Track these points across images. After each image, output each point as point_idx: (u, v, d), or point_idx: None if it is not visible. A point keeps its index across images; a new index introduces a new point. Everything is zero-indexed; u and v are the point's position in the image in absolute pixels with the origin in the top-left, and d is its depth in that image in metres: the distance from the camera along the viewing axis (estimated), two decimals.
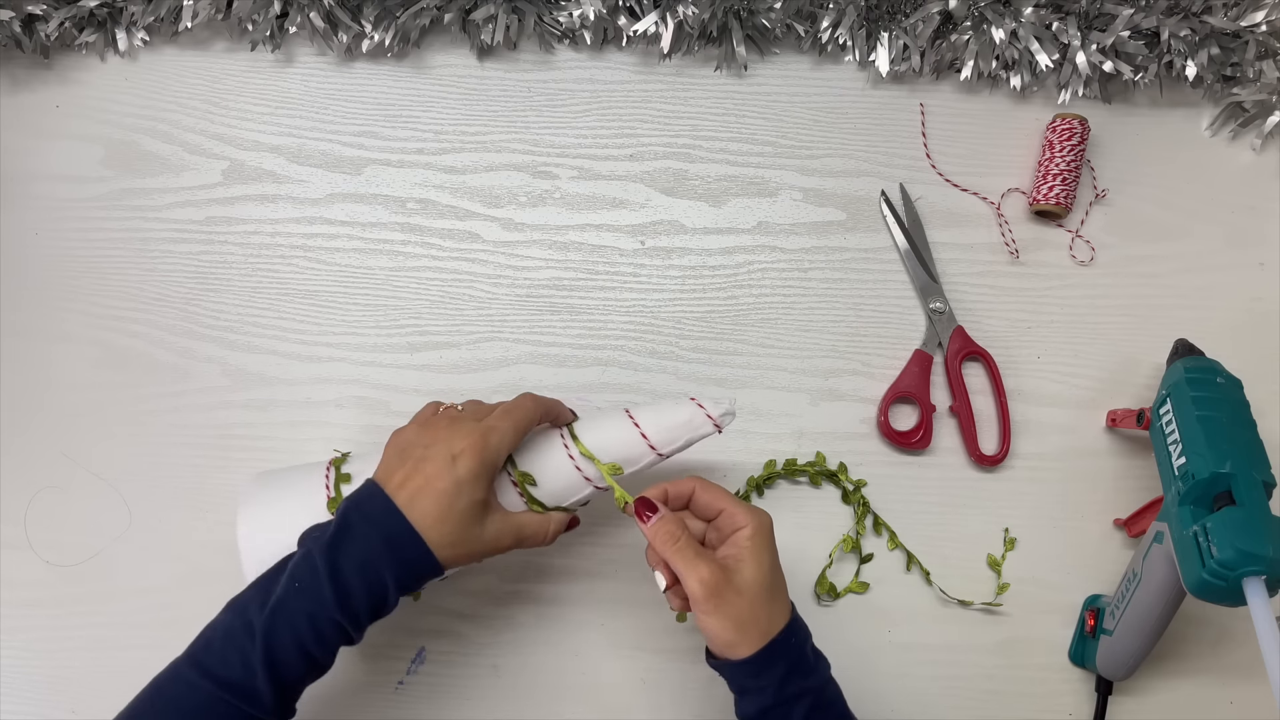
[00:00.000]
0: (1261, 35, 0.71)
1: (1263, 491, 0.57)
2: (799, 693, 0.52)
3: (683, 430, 0.59)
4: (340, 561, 0.49)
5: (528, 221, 0.74)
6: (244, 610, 0.49)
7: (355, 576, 0.49)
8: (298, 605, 0.48)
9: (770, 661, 0.52)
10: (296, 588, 0.49)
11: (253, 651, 0.48)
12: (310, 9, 0.71)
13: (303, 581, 0.49)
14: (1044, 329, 0.73)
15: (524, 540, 0.55)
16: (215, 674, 0.48)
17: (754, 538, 0.52)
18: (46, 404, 0.71)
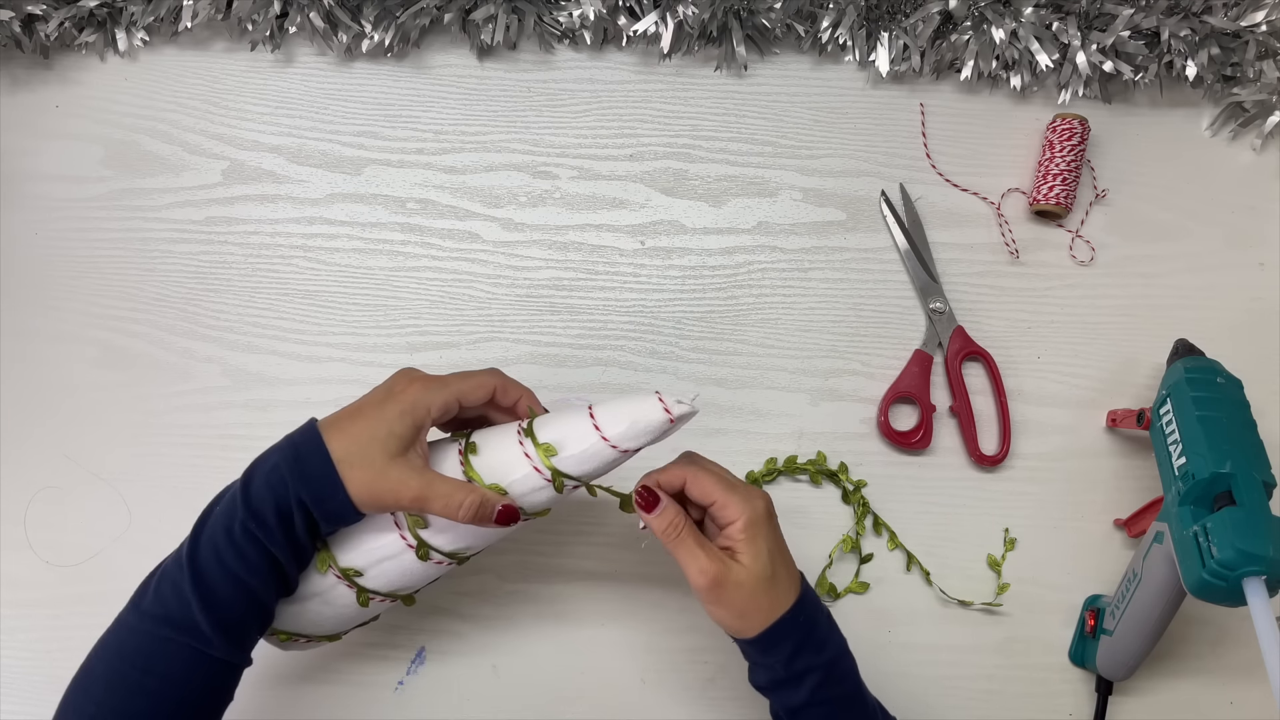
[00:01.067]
0: (1261, 35, 0.71)
1: (1263, 491, 0.57)
2: (807, 668, 0.52)
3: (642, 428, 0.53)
4: (253, 475, 0.50)
5: (528, 221, 0.74)
6: (178, 549, 0.50)
7: (263, 485, 0.49)
8: (216, 523, 0.49)
9: (776, 641, 0.52)
10: (216, 510, 0.50)
11: (183, 581, 0.47)
12: (310, 9, 0.71)
13: (222, 503, 0.50)
14: (1044, 329, 0.73)
15: (429, 497, 0.50)
16: (154, 613, 0.48)
17: (746, 530, 0.52)
18: (46, 404, 0.71)
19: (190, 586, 0.47)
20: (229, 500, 0.50)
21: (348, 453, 0.49)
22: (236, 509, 0.49)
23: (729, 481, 0.54)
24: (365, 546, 0.53)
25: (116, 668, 0.48)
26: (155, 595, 0.48)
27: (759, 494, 0.54)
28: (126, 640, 0.48)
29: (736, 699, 0.67)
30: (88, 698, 0.48)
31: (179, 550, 0.50)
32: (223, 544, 0.48)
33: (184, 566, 0.48)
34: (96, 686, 0.48)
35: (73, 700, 0.48)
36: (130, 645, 0.48)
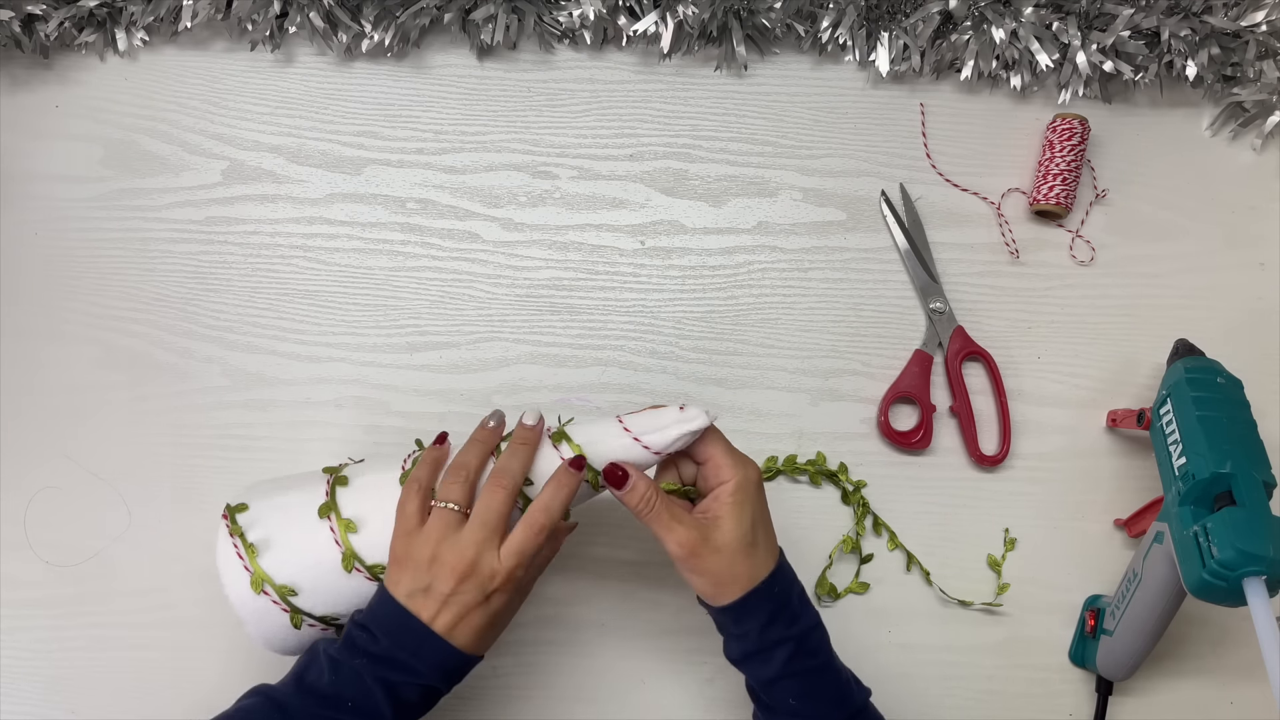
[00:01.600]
0: (1261, 35, 0.71)
1: (1263, 491, 0.57)
2: (780, 639, 0.53)
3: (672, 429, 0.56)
4: (397, 685, 0.51)
5: (528, 221, 0.74)
6: (285, 707, 0.50)
7: (413, 694, 0.52)
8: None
9: (750, 610, 0.53)
10: (350, 707, 0.50)
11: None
12: (310, 9, 0.71)
13: (356, 702, 0.50)
14: (1044, 329, 0.73)
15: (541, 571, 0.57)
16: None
17: (736, 493, 0.53)
18: (46, 404, 0.71)
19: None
20: (363, 700, 0.50)
21: (483, 648, 0.54)
22: (383, 714, 0.51)
23: (725, 443, 0.55)
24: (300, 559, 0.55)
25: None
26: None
27: (752, 462, 0.55)
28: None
29: (736, 700, 0.67)
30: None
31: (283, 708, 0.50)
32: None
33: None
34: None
35: None
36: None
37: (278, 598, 0.54)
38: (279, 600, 0.54)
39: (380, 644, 0.51)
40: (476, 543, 0.52)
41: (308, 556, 0.55)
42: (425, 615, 0.51)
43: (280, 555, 0.55)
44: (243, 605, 0.54)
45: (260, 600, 0.54)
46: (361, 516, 0.55)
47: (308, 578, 0.55)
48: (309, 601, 0.55)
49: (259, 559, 0.54)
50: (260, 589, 0.54)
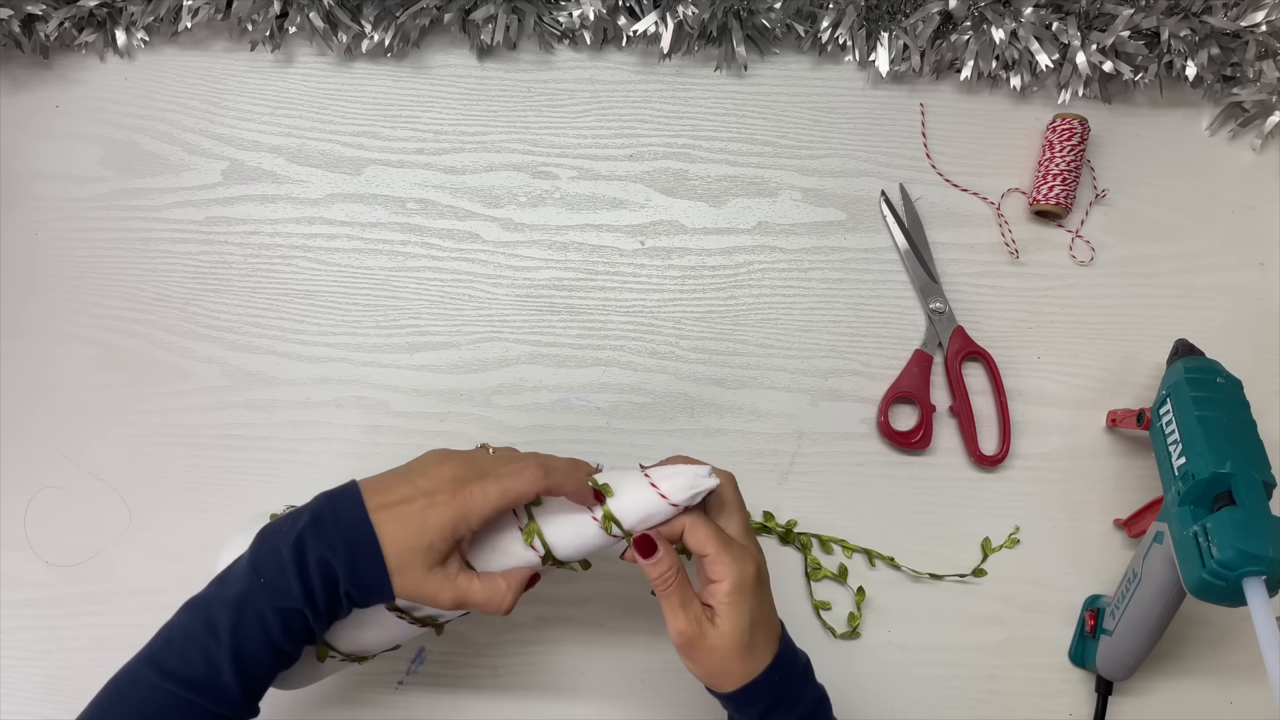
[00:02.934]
0: (1261, 35, 0.71)
1: (1263, 491, 0.57)
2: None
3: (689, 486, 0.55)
4: (305, 554, 0.49)
5: (528, 221, 0.74)
6: (205, 608, 0.49)
7: (316, 570, 0.49)
8: (265, 600, 0.48)
9: (749, 701, 0.52)
10: (263, 583, 0.49)
11: (217, 649, 0.47)
12: (310, 9, 0.71)
13: (268, 576, 0.49)
14: (1044, 329, 0.73)
15: (466, 604, 0.52)
16: (178, 674, 0.47)
17: (731, 594, 0.51)
18: (46, 404, 0.71)
19: (228, 656, 0.48)
20: (275, 575, 0.49)
21: (393, 560, 0.50)
22: (290, 589, 0.48)
23: (725, 537, 0.53)
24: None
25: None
26: (181, 656, 0.48)
27: (750, 556, 0.53)
28: (146, 697, 0.48)
29: None
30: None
31: (205, 613, 0.49)
32: (272, 620, 0.48)
33: (221, 635, 0.48)
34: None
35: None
36: (150, 703, 0.48)
37: None
38: None
39: (312, 508, 0.50)
40: (476, 463, 0.52)
41: None
42: (370, 489, 0.50)
43: None
44: None
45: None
46: None
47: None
48: (337, 635, 0.54)
49: None
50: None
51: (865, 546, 0.70)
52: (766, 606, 0.53)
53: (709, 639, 0.51)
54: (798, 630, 0.58)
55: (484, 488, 0.50)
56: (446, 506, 0.50)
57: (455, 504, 0.50)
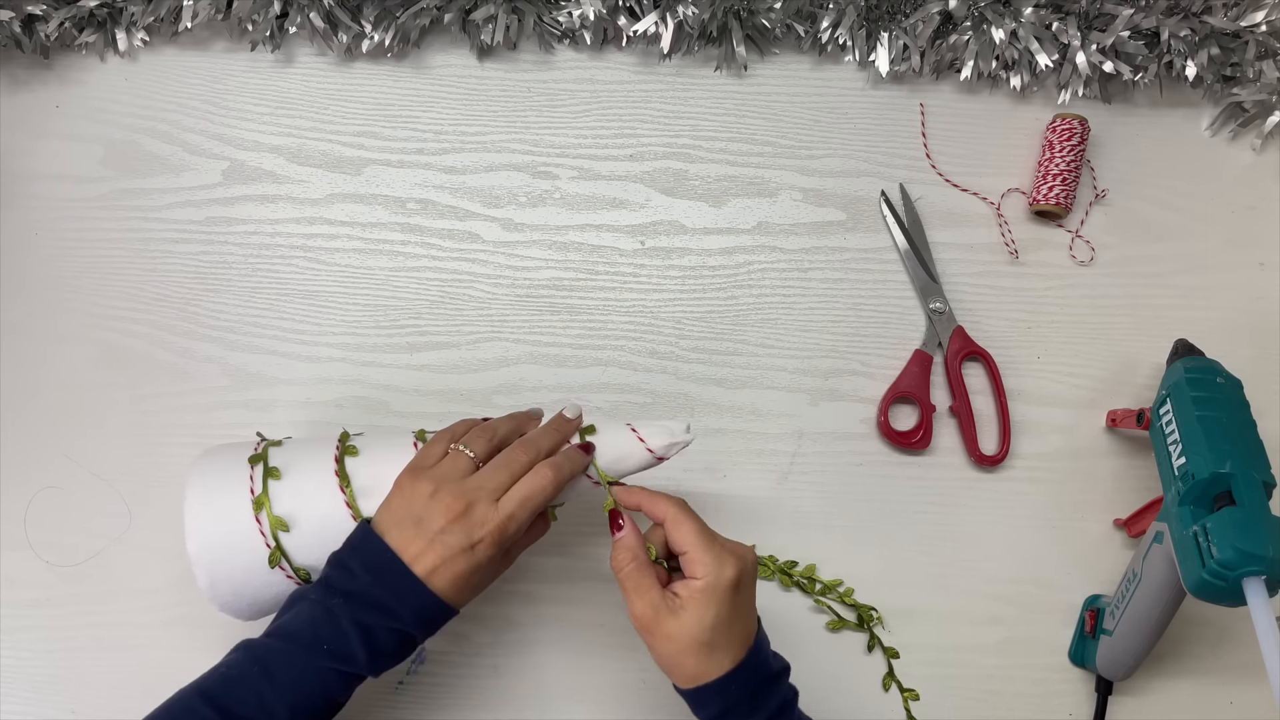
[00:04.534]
0: (1261, 35, 0.71)
1: (1263, 491, 0.57)
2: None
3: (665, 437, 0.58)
4: (374, 629, 0.50)
5: (528, 221, 0.74)
6: (262, 657, 0.50)
7: (389, 640, 0.51)
8: (329, 664, 0.49)
9: (700, 701, 0.52)
10: (326, 650, 0.49)
11: (273, 697, 0.48)
12: (310, 9, 0.71)
13: (332, 645, 0.49)
14: (1044, 329, 0.73)
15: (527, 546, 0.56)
16: (232, 712, 0.48)
17: (702, 592, 0.50)
18: (46, 404, 0.71)
19: (285, 707, 0.48)
20: (339, 643, 0.49)
21: (459, 599, 0.52)
22: (359, 661, 0.50)
23: (708, 538, 0.52)
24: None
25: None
26: (237, 697, 0.49)
27: (732, 560, 0.51)
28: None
29: None
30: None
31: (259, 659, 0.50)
32: (334, 684, 0.50)
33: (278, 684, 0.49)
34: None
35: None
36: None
37: (267, 527, 0.54)
38: (267, 532, 0.54)
39: (358, 581, 0.50)
40: (479, 488, 0.52)
41: (319, 506, 0.55)
42: (408, 555, 0.50)
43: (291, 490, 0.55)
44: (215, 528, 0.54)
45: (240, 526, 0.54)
46: (371, 486, 0.55)
47: (311, 521, 0.54)
48: (295, 543, 0.54)
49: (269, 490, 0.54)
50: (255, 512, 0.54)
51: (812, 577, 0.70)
52: (740, 612, 0.52)
53: (666, 627, 0.51)
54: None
55: (515, 519, 0.52)
56: (488, 544, 0.51)
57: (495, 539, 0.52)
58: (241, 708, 0.48)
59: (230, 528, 0.54)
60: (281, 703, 0.48)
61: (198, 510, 0.54)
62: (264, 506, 0.54)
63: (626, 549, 0.53)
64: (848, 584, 0.70)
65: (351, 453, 0.57)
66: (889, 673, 0.69)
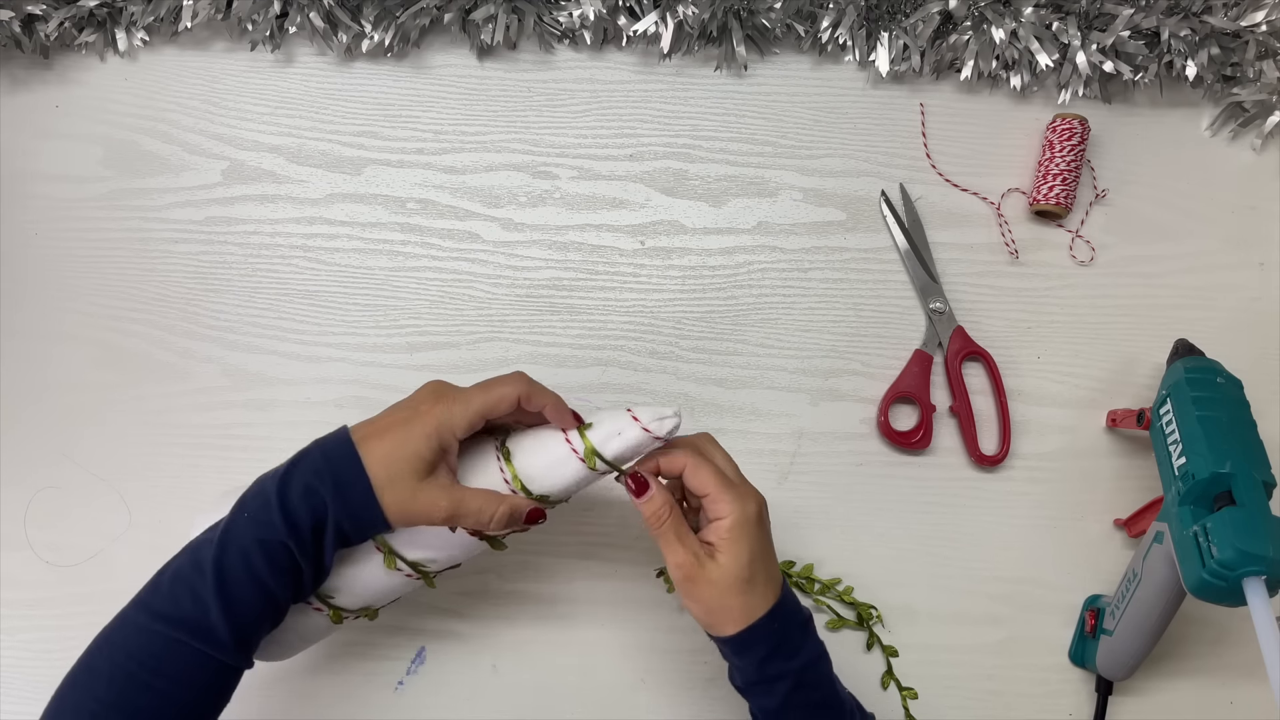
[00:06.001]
0: (1261, 35, 0.71)
1: (1263, 491, 0.57)
2: (780, 674, 0.53)
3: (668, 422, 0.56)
4: (289, 486, 0.49)
5: (528, 221, 0.74)
6: (193, 551, 0.50)
7: (300, 499, 0.49)
8: (247, 531, 0.49)
9: (748, 644, 0.52)
10: (246, 517, 0.49)
11: (204, 586, 0.47)
12: (310, 9, 0.71)
13: (251, 510, 0.49)
14: (1044, 329, 0.73)
15: (461, 513, 0.51)
16: (166, 614, 0.47)
17: (732, 529, 0.52)
18: (46, 404, 0.71)
19: (213, 592, 0.47)
20: (259, 509, 0.49)
21: (381, 475, 0.50)
22: (273, 521, 0.48)
23: (725, 477, 0.53)
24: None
25: (123, 666, 0.47)
26: (169, 596, 0.48)
27: (752, 494, 0.53)
28: (133, 639, 0.48)
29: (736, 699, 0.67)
30: (89, 694, 0.47)
31: (194, 554, 0.49)
32: (254, 554, 0.48)
33: (206, 571, 0.48)
34: (99, 684, 0.47)
35: (70, 696, 0.48)
36: (139, 645, 0.48)
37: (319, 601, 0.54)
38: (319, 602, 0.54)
39: (303, 451, 0.51)
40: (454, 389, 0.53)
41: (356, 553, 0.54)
42: (358, 431, 0.51)
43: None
44: None
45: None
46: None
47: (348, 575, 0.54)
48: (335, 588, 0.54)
49: None
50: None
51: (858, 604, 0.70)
52: (767, 547, 0.54)
53: (709, 573, 0.52)
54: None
55: (466, 393, 0.52)
56: (429, 414, 0.50)
57: (438, 410, 0.51)
58: (174, 607, 0.48)
59: None
60: (210, 592, 0.47)
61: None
62: None
63: (656, 506, 0.53)
64: (848, 583, 0.70)
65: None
66: (888, 671, 0.69)
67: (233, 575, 0.48)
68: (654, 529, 0.53)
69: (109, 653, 0.48)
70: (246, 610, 0.48)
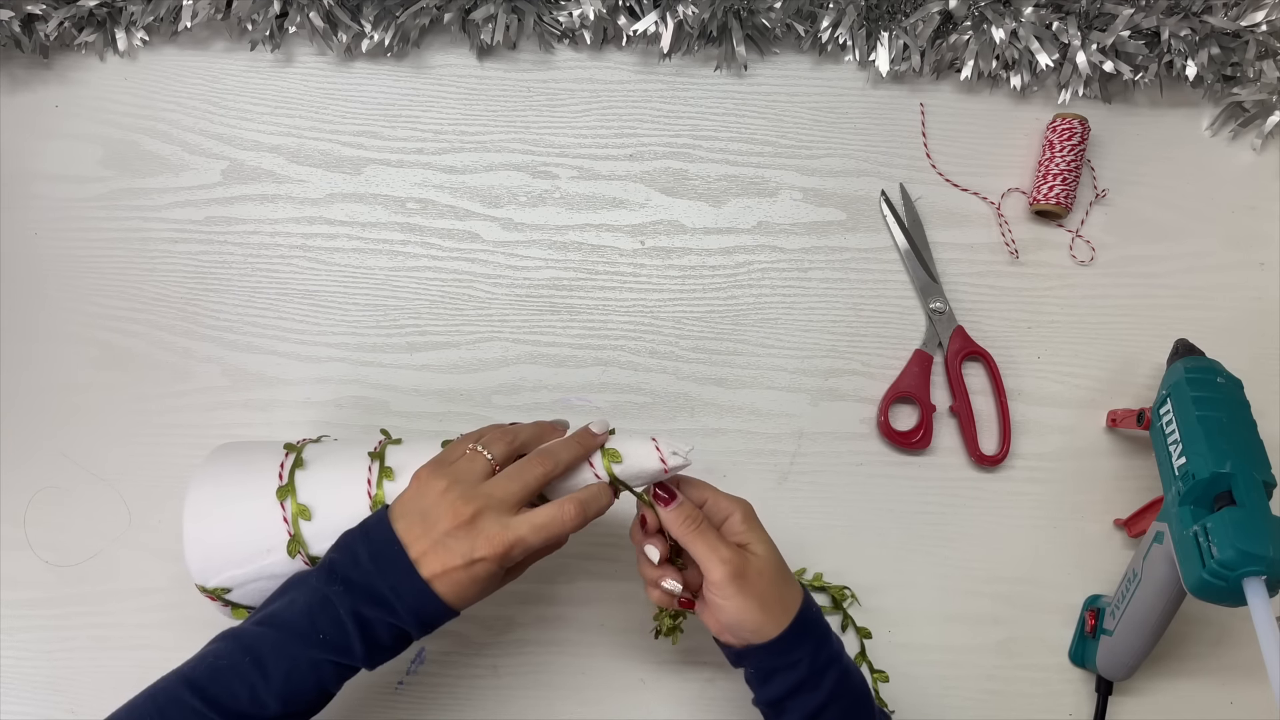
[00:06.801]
0: (1261, 35, 0.71)
1: (1263, 491, 0.57)
2: (829, 660, 0.53)
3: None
4: (370, 621, 0.49)
5: (528, 221, 0.74)
6: (253, 647, 0.49)
7: (385, 634, 0.50)
8: (323, 655, 0.49)
9: (801, 636, 0.53)
10: (321, 639, 0.49)
11: (266, 689, 0.48)
12: (310, 9, 0.71)
13: (327, 634, 0.49)
14: (1044, 329, 0.73)
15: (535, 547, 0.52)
16: (222, 704, 0.47)
17: (746, 520, 0.54)
18: (46, 404, 0.71)
19: (277, 696, 0.48)
20: (332, 632, 0.49)
21: (460, 605, 0.51)
22: (354, 653, 0.49)
23: (714, 488, 0.56)
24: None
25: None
26: (227, 689, 0.48)
27: (739, 498, 0.56)
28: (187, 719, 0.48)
29: (735, 699, 0.67)
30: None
31: (253, 650, 0.49)
32: (327, 673, 0.49)
33: (272, 678, 0.48)
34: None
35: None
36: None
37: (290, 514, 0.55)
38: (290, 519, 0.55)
39: (361, 569, 0.50)
40: (489, 496, 0.51)
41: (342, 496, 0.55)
42: (413, 552, 0.50)
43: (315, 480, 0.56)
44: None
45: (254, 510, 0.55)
46: (315, 503, 0.55)
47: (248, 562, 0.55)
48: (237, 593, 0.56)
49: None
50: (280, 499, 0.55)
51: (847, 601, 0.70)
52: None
53: (754, 564, 0.52)
54: None
55: (524, 542, 0.50)
56: (489, 562, 0.50)
57: (498, 561, 0.50)
58: (232, 700, 0.47)
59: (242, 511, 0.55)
60: (273, 694, 0.48)
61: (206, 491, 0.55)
62: (290, 494, 0.55)
63: (687, 511, 0.53)
64: (847, 583, 0.70)
65: (300, 465, 0.57)
66: (861, 652, 0.69)
67: (300, 685, 0.49)
68: (689, 532, 0.52)
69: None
70: (304, 705, 0.49)
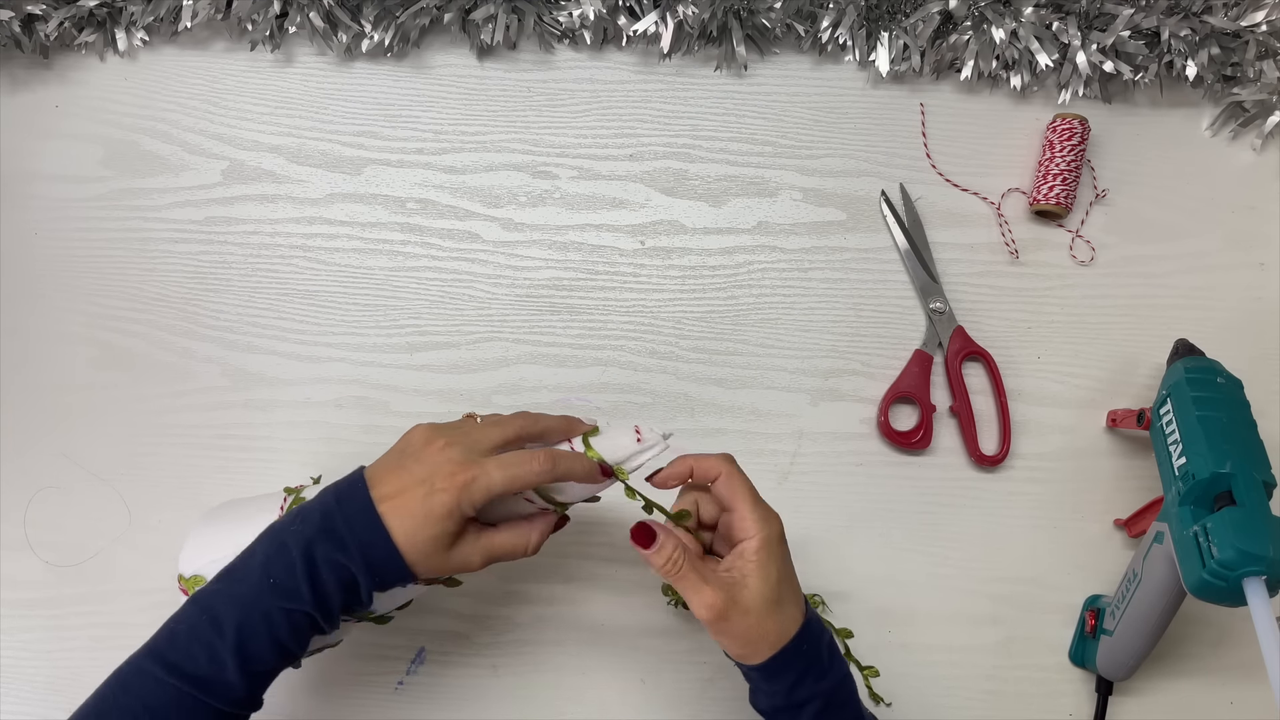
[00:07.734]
0: (1261, 35, 0.71)
1: (1263, 491, 0.57)
2: (809, 696, 0.52)
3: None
4: (317, 560, 0.49)
5: (528, 221, 0.74)
6: (209, 605, 0.49)
7: (329, 574, 0.49)
8: (273, 601, 0.48)
9: (781, 669, 0.52)
10: (271, 584, 0.48)
11: (222, 645, 0.47)
12: (310, 9, 0.71)
13: (278, 578, 0.48)
14: (1044, 329, 0.73)
15: (498, 557, 0.53)
16: (182, 669, 0.47)
17: (760, 551, 0.51)
18: (46, 404, 0.71)
19: (232, 652, 0.47)
20: (283, 575, 0.49)
21: (409, 548, 0.50)
22: (300, 592, 0.48)
23: (756, 496, 0.54)
24: None
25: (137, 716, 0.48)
26: (186, 652, 0.48)
27: (775, 515, 0.53)
28: (151, 691, 0.48)
29: (735, 699, 0.67)
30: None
31: (209, 609, 0.49)
32: (278, 620, 0.48)
33: (226, 632, 0.48)
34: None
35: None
36: (154, 697, 0.48)
37: None
38: None
39: (323, 503, 0.50)
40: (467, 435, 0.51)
41: None
42: (377, 490, 0.50)
43: None
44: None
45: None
46: None
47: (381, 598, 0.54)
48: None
49: None
50: None
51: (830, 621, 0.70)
52: (790, 567, 0.53)
53: (741, 601, 0.51)
54: None
55: (487, 476, 0.50)
56: (447, 493, 0.49)
57: (456, 491, 0.49)
58: (191, 664, 0.47)
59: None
60: (228, 650, 0.47)
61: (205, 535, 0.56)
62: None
63: (668, 553, 0.52)
64: (848, 584, 0.70)
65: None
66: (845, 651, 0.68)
67: (253, 638, 0.48)
68: (671, 575, 0.52)
69: (125, 701, 0.48)
70: (263, 666, 0.49)
